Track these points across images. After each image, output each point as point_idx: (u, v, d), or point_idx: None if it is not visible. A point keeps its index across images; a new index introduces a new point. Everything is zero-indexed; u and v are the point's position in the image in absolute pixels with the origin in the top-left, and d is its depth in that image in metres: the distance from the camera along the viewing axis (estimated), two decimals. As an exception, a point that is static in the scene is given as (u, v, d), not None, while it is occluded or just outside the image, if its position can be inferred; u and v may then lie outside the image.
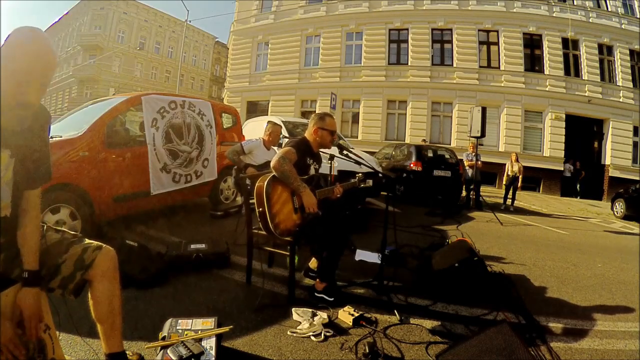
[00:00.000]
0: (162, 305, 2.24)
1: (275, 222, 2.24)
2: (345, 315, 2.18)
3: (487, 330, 1.75)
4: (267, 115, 14.25)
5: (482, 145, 9.90)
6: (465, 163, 8.22)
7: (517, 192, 8.53)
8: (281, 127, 4.66)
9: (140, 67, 31.79)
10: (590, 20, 14.07)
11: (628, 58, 14.08)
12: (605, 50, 14.26)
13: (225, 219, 4.71)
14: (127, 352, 1.47)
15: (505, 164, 9.25)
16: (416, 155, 8.23)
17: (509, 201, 8.49)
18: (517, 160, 8.57)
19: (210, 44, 37.98)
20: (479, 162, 8.09)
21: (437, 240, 4.32)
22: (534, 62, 14.37)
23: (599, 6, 14.41)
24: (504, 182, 9.00)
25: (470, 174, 8.16)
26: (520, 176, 8.49)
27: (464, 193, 8.62)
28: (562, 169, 13.77)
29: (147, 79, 31.62)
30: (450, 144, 13.80)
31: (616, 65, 14.12)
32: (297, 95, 16.49)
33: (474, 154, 8.05)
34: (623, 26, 14.09)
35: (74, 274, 1.24)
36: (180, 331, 1.68)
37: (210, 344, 1.61)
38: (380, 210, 6.13)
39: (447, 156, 8.83)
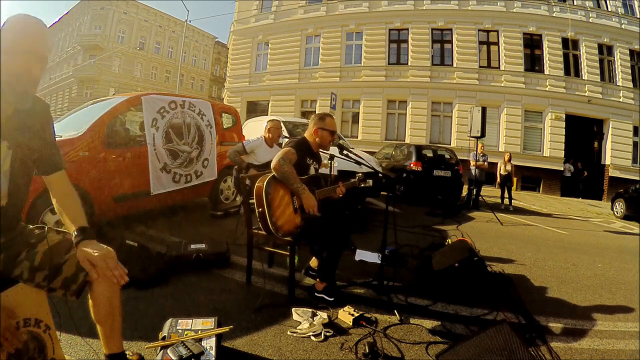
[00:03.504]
0: (162, 305, 2.24)
1: (275, 223, 2.24)
2: (345, 315, 2.18)
3: (487, 330, 1.75)
4: (267, 115, 14.27)
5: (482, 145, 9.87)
6: (472, 163, 8.18)
7: (512, 191, 8.55)
8: (280, 122, 4.64)
9: (140, 67, 31.76)
10: (590, 20, 14.06)
11: (628, 58, 14.07)
12: (605, 50, 14.25)
13: (225, 219, 4.71)
14: (127, 352, 1.47)
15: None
16: (416, 155, 8.24)
17: (506, 201, 8.50)
18: (509, 160, 8.60)
19: (210, 44, 37.96)
20: (485, 163, 8.09)
21: (437, 240, 4.32)
22: (534, 62, 14.36)
23: (599, 6, 14.40)
24: (497, 181, 9.05)
25: (475, 174, 8.14)
26: (514, 176, 8.56)
27: (464, 193, 8.62)
28: (562, 169, 13.77)
29: (147, 79, 31.60)
30: (450, 144, 13.80)
31: (616, 65, 14.12)
32: (297, 95, 16.48)
33: (481, 154, 8.04)
34: (623, 26, 14.09)
35: (77, 275, 1.24)
36: (180, 331, 1.68)
37: (210, 344, 1.61)
38: (380, 210, 6.13)
39: (447, 156, 8.83)
